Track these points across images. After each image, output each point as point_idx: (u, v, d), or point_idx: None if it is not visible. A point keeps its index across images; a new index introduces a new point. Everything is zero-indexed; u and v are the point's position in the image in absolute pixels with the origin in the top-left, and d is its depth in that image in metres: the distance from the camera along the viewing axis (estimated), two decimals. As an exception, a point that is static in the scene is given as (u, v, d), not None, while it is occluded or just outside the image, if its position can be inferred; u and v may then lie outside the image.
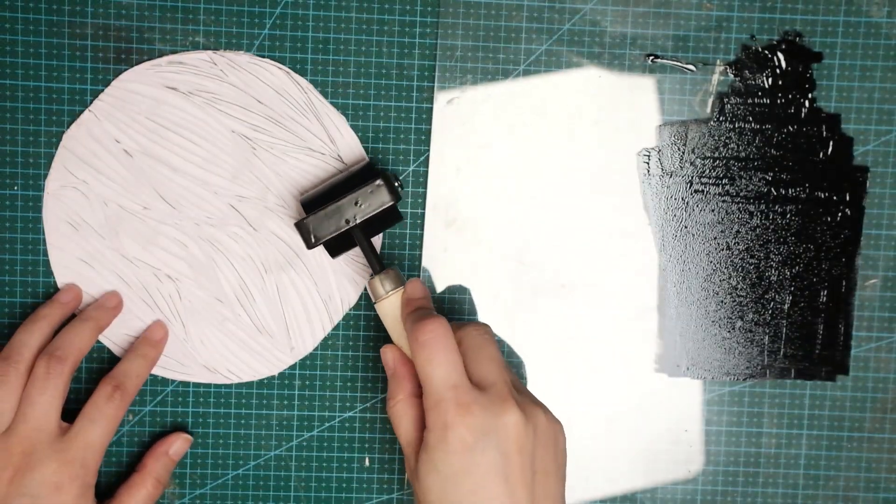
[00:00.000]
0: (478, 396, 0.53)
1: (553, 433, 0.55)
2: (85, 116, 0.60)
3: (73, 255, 0.61)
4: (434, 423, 0.53)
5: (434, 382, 0.53)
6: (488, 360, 0.55)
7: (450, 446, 0.52)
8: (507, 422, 0.52)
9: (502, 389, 0.54)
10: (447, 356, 0.54)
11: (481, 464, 0.52)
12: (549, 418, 0.55)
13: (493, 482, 0.52)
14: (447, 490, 0.52)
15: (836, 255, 0.63)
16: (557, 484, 0.55)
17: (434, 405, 0.53)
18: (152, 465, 0.61)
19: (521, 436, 0.53)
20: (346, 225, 0.57)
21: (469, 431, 0.52)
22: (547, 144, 0.62)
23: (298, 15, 0.61)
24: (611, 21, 0.61)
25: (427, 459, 0.53)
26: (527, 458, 0.53)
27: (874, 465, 0.64)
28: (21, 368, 0.58)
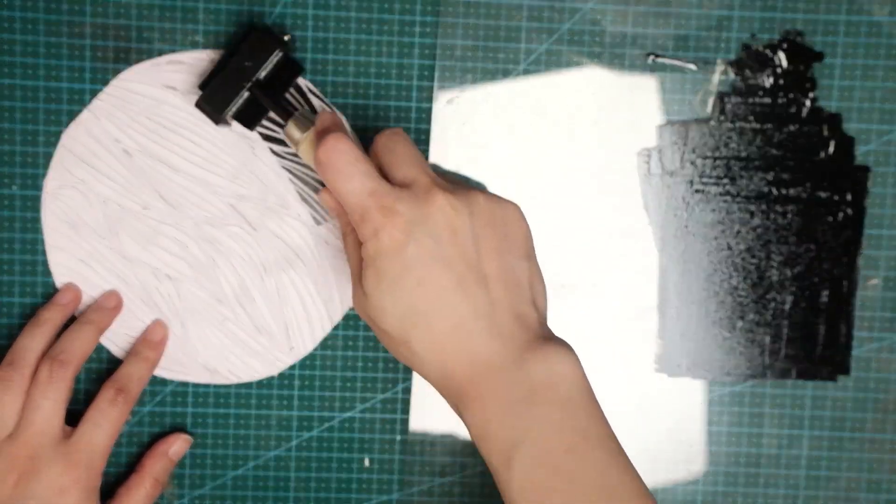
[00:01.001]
0: (400, 193, 0.51)
1: (498, 213, 0.52)
2: (84, 116, 0.60)
3: (72, 255, 0.61)
4: (365, 234, 0.51)
5: (350, 197, 0.51)
6: (404, 159, 0.53)
7: (384, 249, 0.50)
8: (434, 208, 0.50)
9: (425, 181, 0.51)
10: (355, 167, 0.51)
11: (417, 255, 0.50)
12: (490, 199, 0.52)
13: (433, 268, 0.50)
14: (396, 296, 0.50)
15: (838, 254, 0.63)
16: (517, 261, 0.52)
17: (360, 218, 0.51)
18: (151, 466, 0.61)
19: (451, 217, 0.50)
20: (244, 87, 0.56)
21: (398, 228, 0.50)
22: (547, 144, 0.62)
23: (298, 15, 0.61)
24: (611, 20, 0.61)
25: (370, 273, 0.51)
26: (464, 238, 0.51)
27: (876, 465, 0.64)
28: (25, 373, 0.58)
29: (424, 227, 0.50)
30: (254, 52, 0.57)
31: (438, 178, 0.53)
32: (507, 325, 0.51)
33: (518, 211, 0.53)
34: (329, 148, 0.51)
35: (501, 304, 0.51)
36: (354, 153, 0.51)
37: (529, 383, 0.50)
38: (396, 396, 0.63)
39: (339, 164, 0.51)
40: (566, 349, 0.51)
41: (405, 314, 0.51)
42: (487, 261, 0.51)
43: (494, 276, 0.51)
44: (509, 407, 0.50)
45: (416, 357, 0.52)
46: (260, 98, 0.57)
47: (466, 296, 0.50)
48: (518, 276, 0.52)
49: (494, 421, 0.50)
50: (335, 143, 0.51)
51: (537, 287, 0.54)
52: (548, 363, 0.50)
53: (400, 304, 0.50)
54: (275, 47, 0.56)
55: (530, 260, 0.53)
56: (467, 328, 0.51)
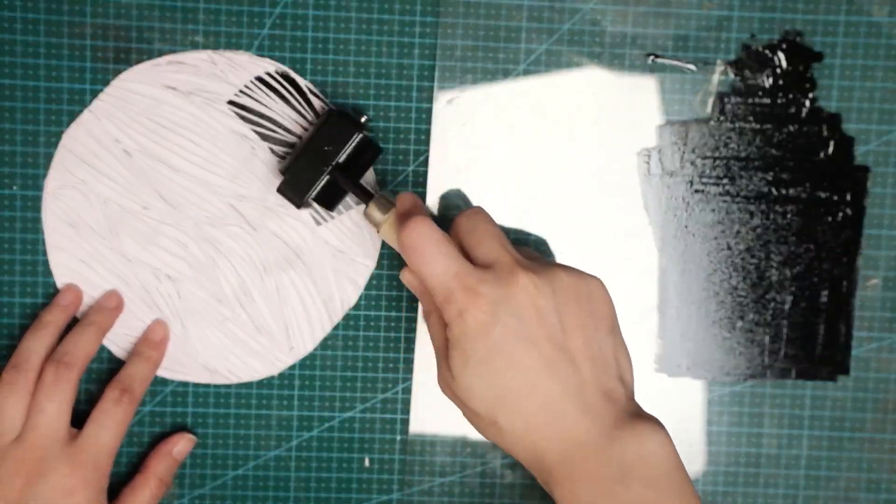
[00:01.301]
0: (483, 274, 0.51)
1: (581, 289, 0.52)
2: (84, 116, 0.60)
3: (72, 255, 0.61)
4: (450, 316, 0.51)
5: (435, 279, 0.51)
6: (485, 238, 0.53)
7: (469, 330, 0.50)
8: (518, 287, 0.51)
9: (506, 261, 0.52)
10: (438, 248, 0.52)
11: (503, 336, 0.50)
12: (573, 275, 0.53)
13: (520, 349, 0.50)
14: (484, 377, 0.50)
15: (837, 255, 0.63)
16: (603, 336, 0.52)
17: (444, 300, 0.51)
18: (155, 466, 0.61)
19: (534, 296, 0.51)
20: (324, 171, 0.57)
21: (482, 310, 0.50)
22: (547, 144, 0.62)
23: (298, 15, 0.61)
24: (611, 21, 0.61)
25: (456, 355, 0.51)
26: (549, 316, 0.51)
27: (875, 465, 0.64)
28: (31, 376, 0.58)
29: (508, 308, 0.50)
30: (333, 136, 0.57)
31: (520, 256, 0.53)
32: (595, 403, 0.51)
33: (601, 286, 0.54)
34: (412, 231, 0.52)
35: (589, 381, 0.51)
36: (438, 235, 0.52)
37: (621, 461, 0.50)
38: (396, 396, 0.63)
39: (424, 247, 0.52)
40: (656, 425, 0.51)
41: (494, 395, 0.51)
42: (573, 338, 0.51)
43: (581, 353, 0.51)
44: (601, 486, 0.50)
45: (505, 437, 0.52)
46: (340, 181, 0.57)
47: (554, 375, 0.50)
48: (604, 351, 0.52)
49: (586, 500, 0.50)
50: (418, 225, 0.52)
51: (623, 362, 0.53)
52: (639, 440, 0.50)
53: (488, 386, 0.51)
54: (353, 131, 0.57)
55: (615, 335, 0.53)
56: (556, 407, 0.50)
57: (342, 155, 0.57)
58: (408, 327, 0.63)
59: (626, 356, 0.54)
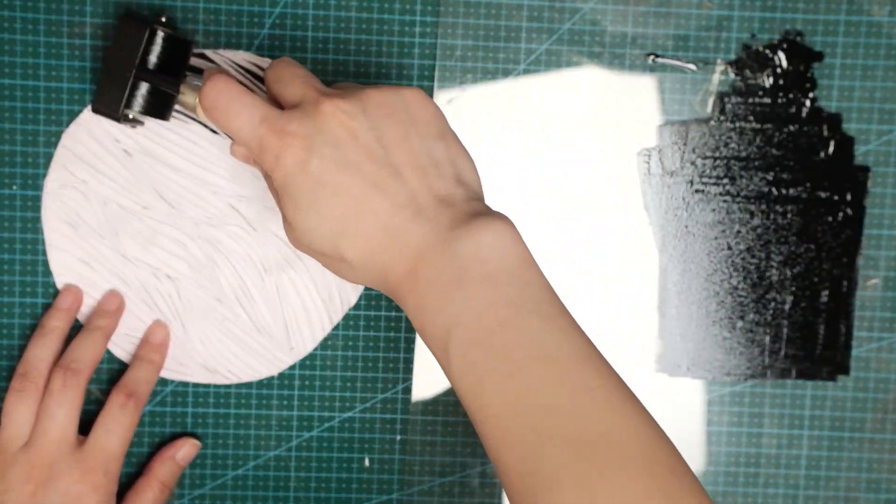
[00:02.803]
0: (290, 114, 0.50)
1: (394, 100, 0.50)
2: (84, 116, 0.60)
3: (72, 255, 0.61)
4: (269, 164, 0.50)
5: (244, 130, 0.50)
6: (290, 80, 0.52)
7: (289, 171, 0.49)
8: (326, 116, 0.49)
9: (312, 95, 0.50)
10: (240, 101, 0.50)
11: (322, 167, 0.49)
12: (382, 90, 0.50)
13: (343, 176, 0.49)
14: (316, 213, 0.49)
15: (838, 254, 0.63)
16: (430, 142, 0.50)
17: (259, 151, 0.50)
18: (158, 470, 0.61)
19: (345, 121, 0.49)
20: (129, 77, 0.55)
21: (296, 147, 0.49)
22: (547, 144, 0.62)
23: (298, 15, 0.61)
24: (611, 20, 0.61)
25: (285, 203, 0.50)
26: (364, 136, 0.49)
27: (875, 465, 0.64)
28: (39, 383, 0.59)
29: (321, 138, 0.49)
30: (129, 41, 0.55)
31: (328, 88, 0.51)
32: (430, 209, 0.49)
33: (419, 93, 0.51)
34: (210, 90, 0.51)
35: (419, 189, 0.49)
36: (236, 88, 0.51)
37: (459, 263, 0.48)
38: (396, 396, 0.63)
39: (224, 104, 0.50)
40: (496, 219, 0.49)
41: (331, 229, 0.49)
42: (395, 152, 0.50)
43: (406, 164, 0.50)
44: (441, 290, 0.48)
45: (356, 269, 0.50)
46: (154, 83, 0.55)
47: (382, 192, 0.49)
48: (435, 157, 0.50)
49: (429, 308, 0.48)
50: (214, 83, 0.51)
51: (460, 163, 0.52)
52: (475, 238, 0.48)
53: (322, 221, 0.49)
54: (144, 30, 0.55)
55: (445, 138, 0.51)
56: (391, 223, 0.49)
57: (143, 56, 0.55)
58: (408, 327, 0.63)
59: (463, 157, 0.52)
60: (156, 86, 0.55)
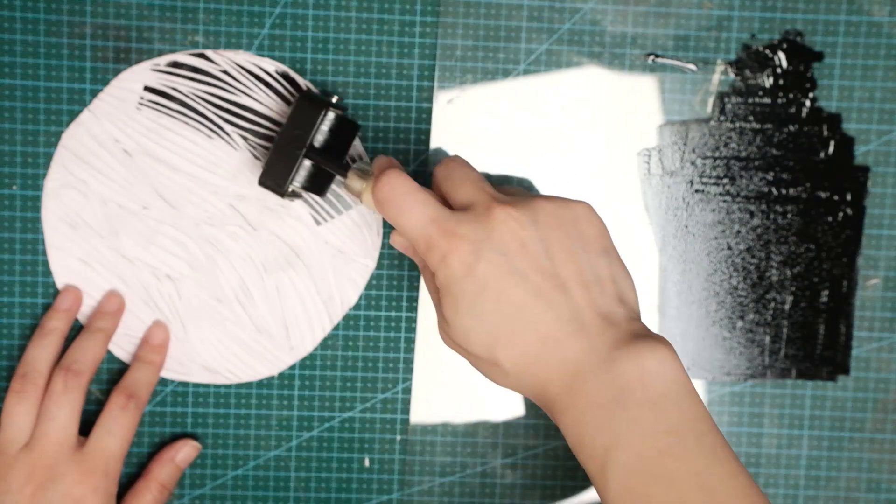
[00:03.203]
0: (460, 216, 0.50)
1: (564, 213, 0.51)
2: (84, 116, 0.60)
3: (72, 255, 0.61)
4: (434, 263, 0.50)
5: (413, 228, 0.51)
6: (462, 182, 0.52)
7: (454, 273, 0.49)
8: (497, 223, 0.50)
9: (483, 199, 0.51)
10: (412, 197, 0.51)
11: (489, 273, 0.49)
12: (555, 203, 0.51)
13: (508, 283, 0.49)
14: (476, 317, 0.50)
15: (838, 254, 0.63)
16: (595, 258, 0.51)
17: (426, 249, 0.50)
18: (157, 471, 0.61)
19: (515, 229, 0.50)
20: (299, 154, 0.56)
21: (464, 250, 0.49)
22: (547, 144, 0.62)
23: (298, 14, 0.61)
24: (611, 20, 0.61)
25: (447, 301, 0.50)
26: (533, 246, 0.50)
27: (875, 465, 0.64)
28: (39, 384, 0.59)
29: (490, 244, 0.49)
30: (303, 119, 0.56)
31: (499, 193, 0.52)
32: (593, 327, 0.49)
33: (587, 208, 0.52)
34: (384, 184, 0.51)
35: (584, 306, 0.50)
36: (409, 185, 0.51)
37: (620, 383, 0.48)
38: (396, 396, 0.63)
39: (398, 199, 0.51)
40: (659, 343, 0.49)
41: (489, 334, 0.50)
42: (562, 265, 0.50)
43: (572, 278, 0.50)
44: (601, 410, 0.48)
45: (509, 376, 0.51)
46: (319, 162, 0.56)
47: (547, 304, 0.49)
48: (599, 274, 0.51)
49: (587, 426, 0.48)
50: (389, 178, 0.51)
51: (622, 282, 0.52)
52: (638, 360, 0.48)
53: (482, 326, 0.50)
54: (321, 109, 0.56)
55: (609, 256, 0.52)
56: (553, 336, 0.49)
57: (314, 135, 0.56)
58: (408, 327, 0.63)
59: (624, 276, 0.52)
60: (322, 166, 0.56)
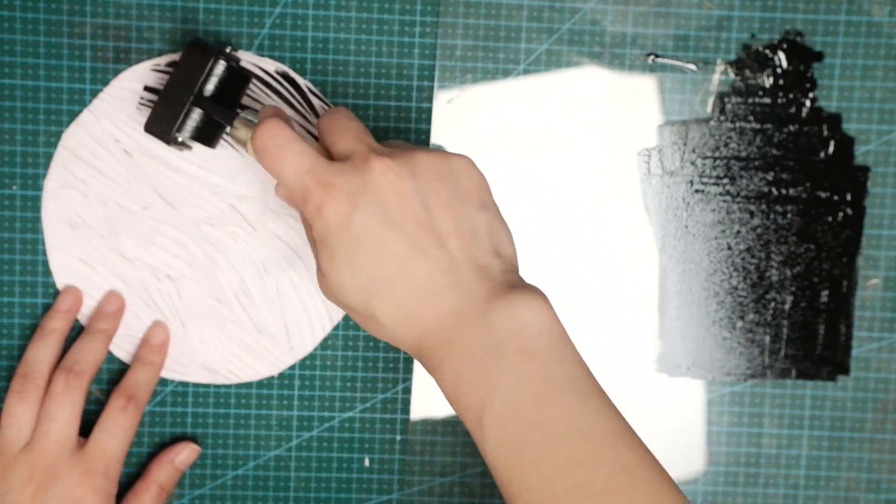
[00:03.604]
0: (338, 167, 0.49)
1: (443, 167, 0.50)
2: (84, 116, 0.60)
3: (72, 255, 0.61)
4: (310, 214, 0.50)
5: (290, 178, 0.50)
6: (342, 132, 0.52)
7: (330, 225, 0.49)
8: (374, 174, 0.49)
9: (362, 150, 0.50)
10: (290, 148, 0.50)
11: (365, 224, 0.48)
12: (434, 155, 0.51)
13: (384, 235, 0.48)
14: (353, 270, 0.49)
15: (837, 254, 0.63)
16: (472, 212, 0.50)
17: (302, 199, 0.50)
18: (156, 473, 0.61)
19: (393, 180, 0.49)
20: (186, 102, 0.55)
21: (340, 201, 0.49)
22: (547, 144, 0.62)
23: (298, 15, 0.61)
24: (611, 20, 0.61)
25: (323, 253, 0.50)
26: (410, 199, 0.49)
27: (875, 465, 0.64)
28: (39, 384, 0.59)
29: (367, 196, 0.49)
30: (192, 67, 0.55)
31: (379, 145, 0.51)
32: (468, 279, 0.49)
33: (467, 161, 0.52)
34: (262, 133, 0.51)
35: (459, 258, 0.49)
36: (287, 134, 0.51)
37: (494, 336, 0.48)
38: (396, 396, 0.63)
39: (274, 148, 0.50)
40: (533, 295, 0.49)
41: (365, 286, 0.49)
42: (439, 217, 0.50)
43: (448, 231, 0.49)
44: (476, 363, 0.48)
45: (384, 328, 0.50)
46: (204, 109, 0.55)
47: (422, 257, 0.49)
48: (475, 227, 0.50)
49: (463, 379, 0.48)
50: (267, 127, 0.51)
51: (498, 235, 0.52)
52: (511, 311, 0.48)
53: (358, 277, 0.49)
54: (209, 58, 0.55)
55: (487, 209, 0.51)
56: (428, 289, 0.49)
57: (203, 84, 0.55)
58: (408, 327, 0.63)
59: (501, 229, 0.52)
60: (210, 115, 0.55)
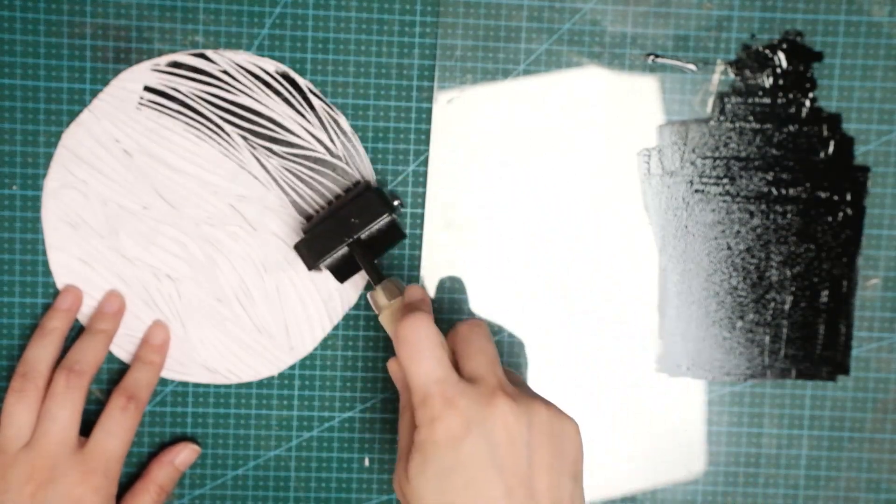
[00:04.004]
0: (465, 388, 0.51)
1: (556, 428, 0.52)
2: (84, 116, 0.60)
3: (72, 255, 0.61)
4: (422, 420, 0.51)
5: (418, 378, 0.51)
6: (478, 353, 0.53)
7: (438, 440, 0.50)
8: (496, 411, 0.50)
9: (492, 381, 0.52)
10: (430, 351, 0.52)
11: (470, 455, 0.49)
12: (551, 412, 0.52)
13: (485, 474, 0.49)
14: (439, 489, 0.50)
15: (837, 255, 0.63)
16: (567, 482, 0.51)
17: (420, 402, 0.51)
18: (156, 473, 0.61)
19: (511, 425, 0.50)
20: (344, 241, 0.57)
21: (456, 423, 0.50)
22: (547, 144, 0.62)
23: (298, 15, 0.61)
24: (611, 20, 0.61)
25: (417, 459, 0.51)
26: (520, 449, 0.50)
27: (875, 465, 0.64)
28: (40, 383, 0.59)
29: (482, 428, 0.50)
30: (363, 210, 0.57)
31: (506, 380, 0.53)
32: None
33: (576, 428, 0.53)
34: (411, 325, 0.52)
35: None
36: (434, 337, 0.52)
37: None
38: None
39: (417, 345, 0.52)
40: None
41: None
42: (539, 476, 0.50)
43: (543, 493, 0.50)
44: None
45: None
46: (357, 256, 0.57)
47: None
48: (565, 496, 0.51)
49: None
50: (419, 322, 0.52)
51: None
52: None
53: (440, 498, 0.50)
54: (384, 211, 0.57)
55: (577, 482, 0.52)
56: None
57: (366, 231, 0.58)
58: (408, 327, 0.63)
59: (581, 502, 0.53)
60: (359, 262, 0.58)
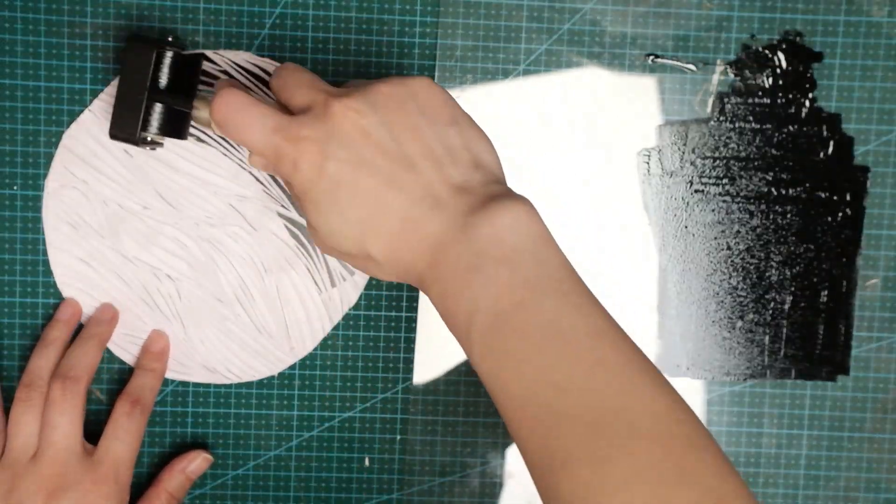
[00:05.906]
0: (301, 120, 0.49)
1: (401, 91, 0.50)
2: (85, 116, 0.60)
3: (72, 255, 0.61)
4: (287, 173, 0.50)
5: (258, 142, 0.50)
6: (296, 86, 0.51)
7: (307, 177, 0.49)
8: (336, 118, 0.49)
9: (320, 98, 0.50)
10: (250, 111, 0.50)
11: (338, 168, 0.48)
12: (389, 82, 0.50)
13: (358, 174, 0.48)
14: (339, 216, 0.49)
15: (837, 255, 0.63)
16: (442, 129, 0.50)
17: (276, 160, 0.50)
18: (167, 481, 0.61)
19: (355, 119, 0.49)
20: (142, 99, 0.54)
21: (311, 152, 0.49)
22: (547, 144, 0.62)
23: (298, 15, 0.61)
24: (611, 21, 0.61)
25: (308, 209, 0.50)
26: (376, 132, 0.49)
27: (875, 465, 0.64)
28: (44, 391, 0.59)
29: (335, 141, 0.49)
30: (137, 64, 0.55)
31: (335, 89, 0.51)
32: (447, 199, 0.49)
33: (426, 81, 0.51)
34: (219, 104, 0.51)
35: (435, 179, 0.49)
36: (244, 100, 0.50)
37: (476, 247, 0.47)
38: (396, 396, 0.63)
39: (234, 116, 0.50)
40: (514, 201, 0.48)
41: (353, 229, 0.49)
42: (408, 144, 0.49)
43: (420, 155, 0.49)
44: (459, 278, 0.48)
45: (381, 266, 0.50)
46: (168, 103, 0.55)
47: (399, 187, 0.49)
48: (448, 144, 0.50)
49: (450, 295, 0.48)
50: (222, 97, 0.51)
51: (476, 147, 0.51)
52: (492, 221, 0.48)
53: (345, 222, 0.49)
54: (152, 51, 0.54)
55: (458, 123, 0.51)
56: (410, 217, 0.49)
57: (154, 78, 0.54)
58: (408, 327, 0.63)
59: (479, 140, 0.51)
60: (169, 105, 0.55)
